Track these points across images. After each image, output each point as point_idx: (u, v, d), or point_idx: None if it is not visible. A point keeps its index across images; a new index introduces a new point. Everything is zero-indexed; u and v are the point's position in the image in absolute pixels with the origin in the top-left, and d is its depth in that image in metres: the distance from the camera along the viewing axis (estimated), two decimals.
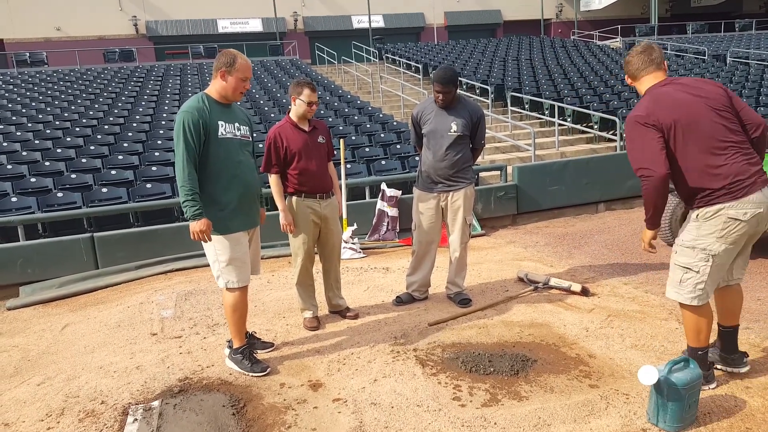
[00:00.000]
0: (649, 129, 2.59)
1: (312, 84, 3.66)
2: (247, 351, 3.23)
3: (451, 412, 2.69)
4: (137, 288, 5.10)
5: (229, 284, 3.12)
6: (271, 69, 17.21)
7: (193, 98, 3.05)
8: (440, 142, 3.85)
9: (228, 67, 3.00)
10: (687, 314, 2.71)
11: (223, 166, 3.02)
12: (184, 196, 2.91)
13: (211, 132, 2.98)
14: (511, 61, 17.20)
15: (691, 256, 2.61)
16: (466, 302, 4.07)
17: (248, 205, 3.16)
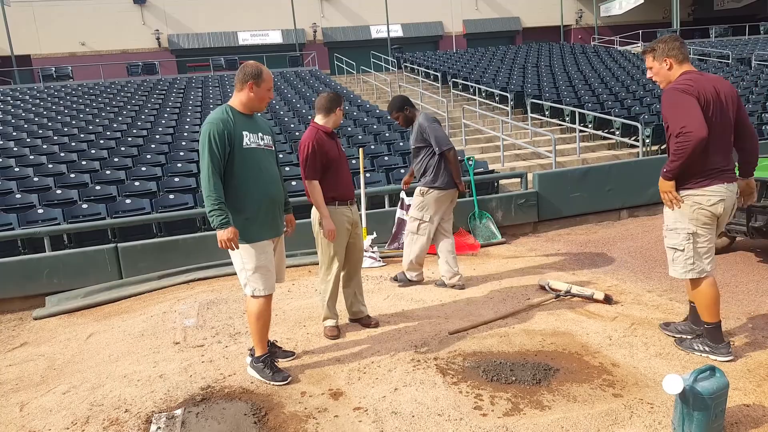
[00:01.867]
0: (693, 97, 2.86)
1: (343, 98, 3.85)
2: (269, 360, 3.25)
3: (472, 422, 2.66)
4: (160, 297, 5.18)
5: (256, 292, 3.15)
6: (291, 80, 17.42)
7: (217, 110, 3.10)
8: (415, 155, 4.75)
9: (256, 79, 3.07)
10: (694, 290, 3.09)
11: (248, 175, 3.06)
12: (211, 206, 2.94)
13: (235, 142, 3.02)
14: (530, 68, 17.12)
15: (675, 237, 3.05)
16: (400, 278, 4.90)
17: (273, 213, 3.18)
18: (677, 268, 3.10)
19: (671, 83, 3.00)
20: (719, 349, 3.08)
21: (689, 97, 2.87)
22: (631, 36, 26.69)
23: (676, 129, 2.86)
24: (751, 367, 3.01)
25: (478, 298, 4.37)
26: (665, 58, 3.03)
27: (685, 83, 2.92)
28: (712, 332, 3.08)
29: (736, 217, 4.71)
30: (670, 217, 3.08)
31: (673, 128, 2.88)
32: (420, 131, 4.59)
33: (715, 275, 3.15)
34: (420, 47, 26.00)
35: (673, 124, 2.88)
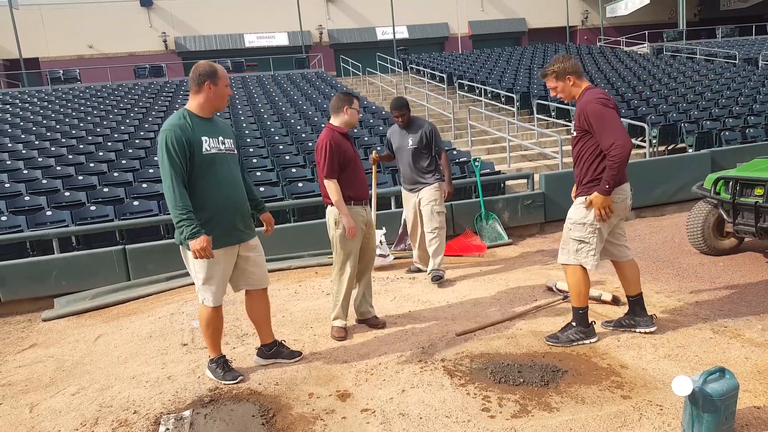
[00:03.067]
0: (613, 111, 3.22)
1: (358, 95, 3.84)
2: (221, 360, 3.31)
3: (480, 424, 2.66)
4: (168, 299, 5.20)
5: (205, 302, 3.15)
6: (297, 81, 17.47)
7: (173, 115, 3.02)
8: (404, 154, 5.00)
9: (213, 78, 2.99)
10: (573, 278, 3.40)
11: (208, 182, 2.99)
12: (178, 217, 2.87)
13: (195, 148, 2.93)
14: (536, 69, 17.08)
15: (582, 231, 3.33)
16: (437, 278, 4.85)
17: (232, 220, 3.09)
18: (579, 258, 3.37)
19: (586, 97, 3.26)
20: (589, 333, 3.45)
21: (612, 111, 3.20)
22: (638, 37, 26.58)
23: (608, 143, 3.13)
24: (761, 369, 2.99)
25: (485, 300, 4.36)
26: (567, 75, 3.29)
27: (603, 97, 3.23)
28: (583, 317, 3.44)
29: (744, 217, 4.69)
30: (579, 213, 3.33)
31: (605, 143, 3.14)
32: (428, 133, 4.94)
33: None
34: (425, 49, 26.00)
35: (605, 140, 3.14)
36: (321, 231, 6.14)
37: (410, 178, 5.03)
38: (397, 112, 4.95)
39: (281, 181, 7.88)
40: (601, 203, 3.22)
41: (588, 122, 3.21)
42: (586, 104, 3.23)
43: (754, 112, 11.09)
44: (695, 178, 6.89)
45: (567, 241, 3.43)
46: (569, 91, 3.34)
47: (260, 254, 3.32)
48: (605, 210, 3.23)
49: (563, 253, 3.46)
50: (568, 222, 3.43)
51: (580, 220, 3.34)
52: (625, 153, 3.13)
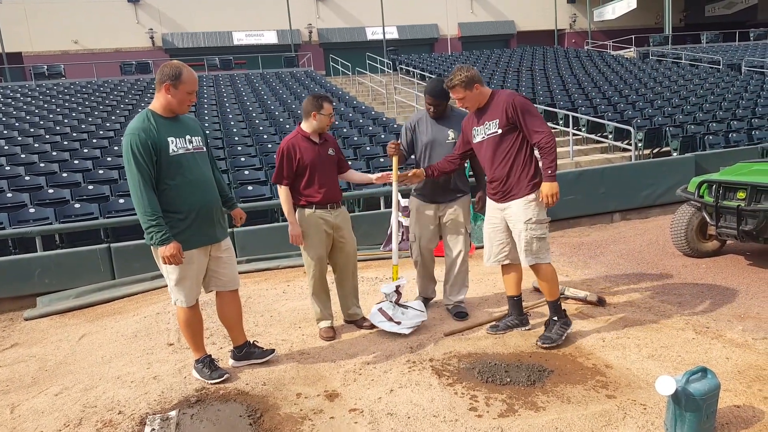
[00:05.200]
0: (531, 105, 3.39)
1: (329, 97, 3.72)
2: (207, 360, 3.29)
3: (468, 423, 2.67)
4: (153, 298, 5.15)
5: (179, 302, 3.13)
6: (286, 80, 17.40)
7: (137, 117, 2.92)
8: (439, 152, 3.85)
9: (173, 81, 2.88)
10: (545, 273, 3.47)
11: (177, 184, 2.93)
12: (147, 222, 2.83)
13: (161, 150, 2.86)
14: (524, 71, 17.22)
15: (542, 227, 3.42)
16: (462, 315, 4.01)
17: (204, 220, 3.05)
18: (546, 256, 3.45)
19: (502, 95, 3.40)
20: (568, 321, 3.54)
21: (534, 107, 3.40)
22: (624, 41, 26.89)
23: (539, 135, 3.28)
24: (742, 369, 3.05)
25: (472, 300, 4.38)
26: (475, 84, 3.38)
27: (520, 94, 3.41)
28: (560, 307, 3.53)
29: (727, 220, 4.77)
30: (534, 211, 3.38)
31: (537, 135, 3.29)
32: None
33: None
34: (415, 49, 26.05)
35: (536, 131, 3.29)
36: None
37: (441, 184, 3.88)
38: (433, 100, 3.80)
39: (269, 180, 7.85)
40: (553, 191, 3.30)
41: (517, 114, 3.30)
42: (510, 98, 3.34)
43: (737, 117, 11.29)
44: (680, 181, 6.99)
45: (530, 242, 3.42)
46: (476, 100, 3.43)
47: (231, 255, 3.29)
48: (555, 197, 3.32)
49: (529, 255, 3.44)
50: (526, 224, 3.40)
51: (537, 217, 3.40)
52: (554, 141, 3.29)
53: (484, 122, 3.45)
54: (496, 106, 3.39)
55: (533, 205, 3.38)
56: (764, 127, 10.50)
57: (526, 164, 3.39)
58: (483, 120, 3.46)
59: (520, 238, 3.43)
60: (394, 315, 3.74)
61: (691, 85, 14.94)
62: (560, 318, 3.52)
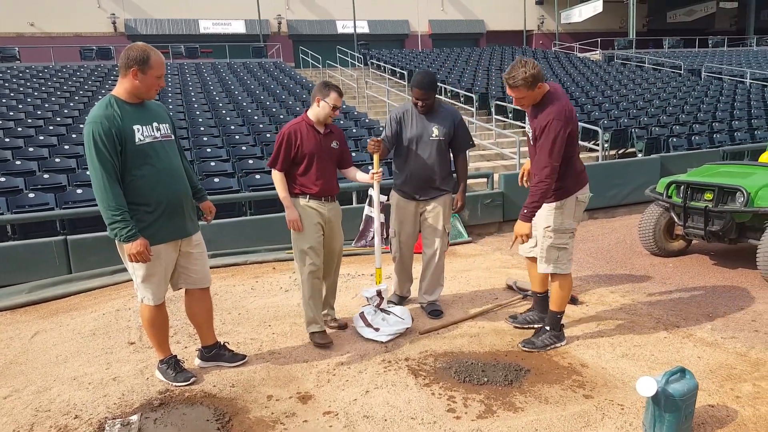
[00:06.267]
0: (564, 137, 3.08)
1: (340, 89, 3.52)
2: (172, 361, 3.13)
3: (446, 425, 2.61)
4: (113, 294, 4.91)
5: (145, 300, 2.95)
6: (254, 71, 17.03)
7: (99, 104, 2.70)
8: (423, 147, 3.77)
9: (141, 65, 2.69)
10: (561, 284, 3.34)
11: (144, 175, 2.74)
12: (111, 217, 2.64)
13: (126, 140, 2.67)
14: (494, 70, 17.34)
15: (563, 237, 3.28)
16: (437, 314, 3.95)
17: (174, 213, 2.87)
18: (561, 266, 3.31)
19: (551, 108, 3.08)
20: (560, 336, 3.45)
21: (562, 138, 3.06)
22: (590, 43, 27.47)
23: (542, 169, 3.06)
24: (713, 368, 3.09)
25: (447, 298, 4.33)
26: (539, 84, 3.06)
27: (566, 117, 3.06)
28: (558, 321, 3.43)
29: (694, 221, 4.87)
30: (555, 219, 3.26)
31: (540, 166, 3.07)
32: (457, 123, 3.83)
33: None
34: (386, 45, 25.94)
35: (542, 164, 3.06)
36: (279, 224, 5.98)
37: (423, 181, 3.79)
38: (422, 94, 3.67)
39: (237, 172, 7.62)
40: (523, 231, 3.14)
41: (541, 137, 3.09)
42: (549, 118, 3.05)
43: (698, 120, 11.64)
44: (646, 181, 7.14)
45: (547, 250, 3.31)
46: (534, 98, 3.15)
47: (202, 251, 3.11)
48: (523, 238, 3.17)
49: (544, 262, 3.34)
50: (546, 231, 3.28)
51: (558, 225, 3.27)
52: (548, 185, 3.08)
53: (531, 125, 3.25)
54: (542, 116, 3.11)
55: (554, 213, 3.25)
56: (724, 131, 10.86)
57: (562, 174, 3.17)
58: (532, 121, 3.23)
59: (541, 244, 3.34)
60: (373, 321, 3.63)
61: (654, 88, 15.34)
62: (553, 329, 3.41)
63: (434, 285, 4.02)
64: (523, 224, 3.15)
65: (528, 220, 3.14)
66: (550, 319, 3.43)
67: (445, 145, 3.82)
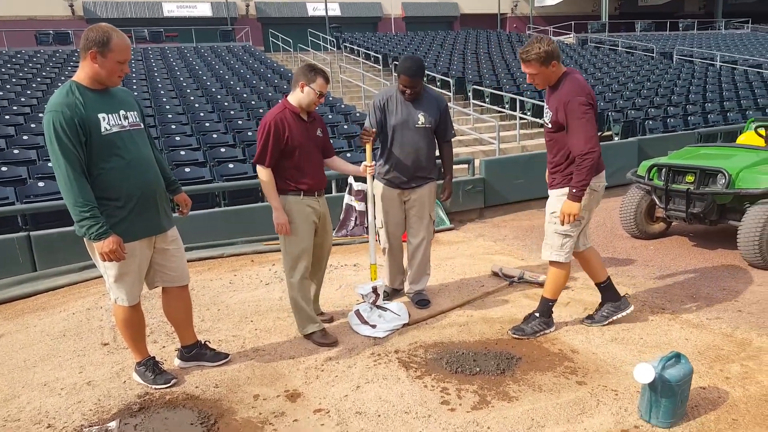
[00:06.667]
0: (591, 109, 2.99)
1: (326, 73, 3.26)
2: (150, 363, 2.97)
3: (441, 418, 2.53)
4: (83, 292, 4.68)
5: (119, 301, 2.78)
6: (223, 55, 16.55)
7: (59, 91, 2.49)
8: (408, 135, 3.64)
9: (101, 48, 2.47)
10: (558, 271, 3.29)
11: (112, 166, 2.55)
12: (80, 214, 2.45)
13: (92, 130, 2.47)
14: (470, 54, 17.24)
15: (571, 225, 3.14)
16: (424, 303, 3.87)
17: (146, 208, 2.68)
18: (562, 254, 3.23)
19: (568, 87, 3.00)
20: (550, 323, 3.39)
21: (589, 110, 2.98)
22: (564, 27, 27.59)
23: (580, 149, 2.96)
24: (701, 349, 3.10)
25: (433, 287, 4.25)
26: (553, 61, 3.00)
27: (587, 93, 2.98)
28: (549, 308, 3.38)
29: (676, 203, 4.89)
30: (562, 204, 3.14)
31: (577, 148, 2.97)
32: (442, 109, 3.72)
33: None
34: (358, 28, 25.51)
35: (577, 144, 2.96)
36: (255, 216, 5.81)
37: (408, 169, 3.67)
38: (408, 81, 3.52)
39: (209, 162, 7.37)
40: (571, 210, 3.03)
41: (566, 119, 2.99)
42: (568, 97, 2.97)
43: (673, 103, 11.80)
44: (624, 165, 7.18)
45: (551, 235, 3.24)
46: (548, 77, 3.06)
47: (179, 247, 2.93)
48: (572, 218, 3.04)
49: (547, 248, 3.28)
50: (552, 216, 3.22)
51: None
52: (596, 160, 2.97)
53: (546, 107, 3.17)
54: (555, 96, 3.06)
55: (563, 200, 3.13)
56: (698, 113, 11.03)
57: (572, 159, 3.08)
58: (547, 103, 3.16)
59: (546, 228, 3.26)
60: (370, 318, 3.53)
61: (628, 71, 15.48)
62: (543, 315, 3.36)
63: (420, 274, 3.93)
64: (573, 204, 3.02)
65: (578, 199, 3.01)
66: (541, 305, 3.39)
67: (431, 132, 3.71)
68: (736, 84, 13.94)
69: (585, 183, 2.99)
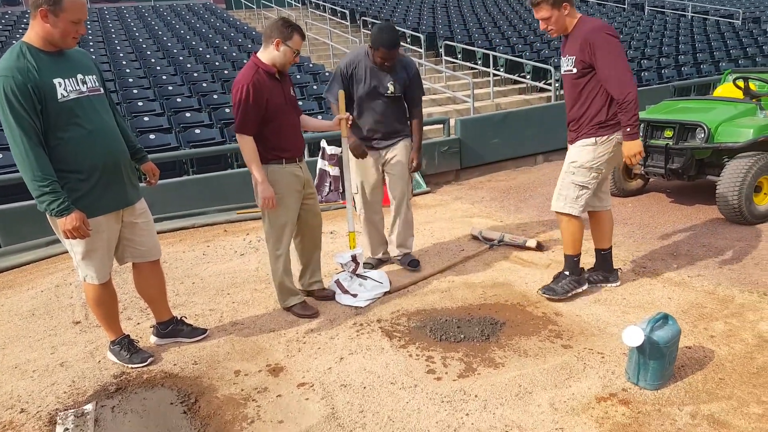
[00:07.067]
0: (620, 42, 2.85)
1: (302, 30, 3.02)
2: (125, 341, 2.87)
3: (428, 388, 2.51)
4: (51, 268, 4.49)
5: (88, 278, 2.65)
6: (183, 14, 15.74)
7: (8, 53, 2.29)
8: (377, 103, 3.54)
9: (51, 5, 2.25)
10: (572, 225, 3.18)
11: (71, 136, 2.37)
12: (38, 189, 2.28)
13: (46, 96, 2.28)
14: (440, 8, 16.78)
15: (587, 175, 3.06)
16: (415, 264, 3.87)
17: (111, 180, 2.53)
18: (576, 206, 3.13)
19: (589, 25, 2.92)
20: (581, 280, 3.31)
21: (621, 47, 2.88)
22: None
23: (619, 88, 2.84)
24: (685, 308, 3.13)
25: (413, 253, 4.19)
26: (564, 3, 2.92)
27: (611, 28, 2.90)
28: (576, 264, 3.29)
29: (654, 159, 4.89)
30: (586, 155, 3.05)
31: (617, 89, 2.84)
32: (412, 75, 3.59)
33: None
34: None
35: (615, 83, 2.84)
36: (226, 183, 5.62)
37: (379, 133, 3.61)
38: (387, 53, 3.35)
39: (174, 128, 7.06)
40: (633, 150, 2.92)
41: (594, 56, 2.85)
42: (592, 35, 2.85)
43: (646, 56, 11.75)
44: None
45: (567, 186, 3.12)
46: (563, 23, 2.95)
47: (148, 220, 2.78)
48: (637, 156, 2.93)
49: (560, 200, 3.16)
50: (571, 165, 3.10)
51: (587, 163, 3.05)
52: (636, 95, 2.85)
53: (565, 54, 3.03)
54: (576, 39, 2.93)
55: (588, 149, 3.02)
56: (671, 66, 11.02)
57: (603, 107, 2.98)
58: (565, 51, 3.03)
59: (561, 178, 3.14)
60: (350, 287, 3.45)
61: None
62: (572, 273, 3.27)
63: (407, 235, 3.89)
64: (633, 142, 2.90)
65: (635, 137, 2.89)
66: (567, 263, 3.28)
67: (401, 99, 3.61)
68: (708, 35, 13.95)
69: (636, 118, 2.87)
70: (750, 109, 4.75)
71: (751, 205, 4.37)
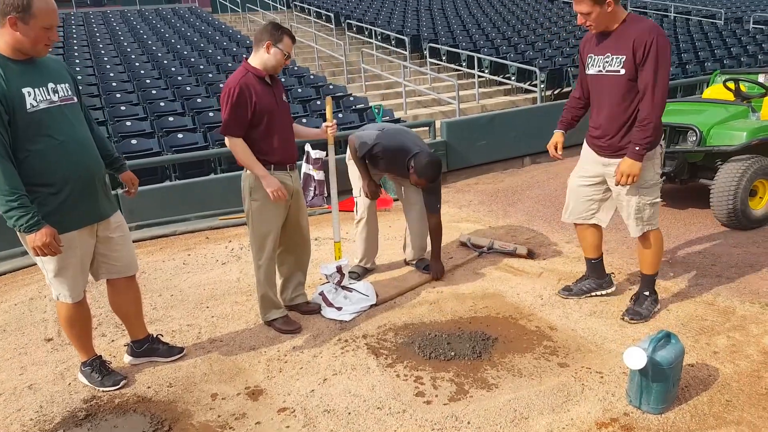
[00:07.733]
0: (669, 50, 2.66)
1: (292, 33, 2.95)
2: (96, 363, 2.71)
3: (417, 413, 2.37)
4: (26, 279, 4.28)
5: (61, 297, 2.51)
6: (168, 18, 15.49)
7: None
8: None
9: (21, 12, 2.13)
10: (655, 240, 3.00)
11: (40, 148, 2.25)
12: (6, 204, 2.15)
13: (15, 107, 2.17)
14: (424, 10, 16.70)
15: (655, 191, 2.93)
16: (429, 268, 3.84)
17: (84, 193, 2.40)
18: (654, 221, 2.95)
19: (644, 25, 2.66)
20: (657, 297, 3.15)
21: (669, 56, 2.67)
22: None
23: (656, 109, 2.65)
24: (684, 321, 3.01)
25: (398, 261, 4.06)
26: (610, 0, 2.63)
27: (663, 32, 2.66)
28: (654, 282, 3.12)
29: None
30: (647, 172, 2.82)
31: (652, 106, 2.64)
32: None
33: None
34: None
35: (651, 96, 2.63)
36: (209, 189, 5.43)
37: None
38: (425, 184, 3.53)
39: (157, 132, 6.85)
40: (633, 170, 2.70)
41: (645, 59, 2.59)
42: (651, 34, 2.59)
43: None
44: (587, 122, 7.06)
45: (642, 208, 2.89)
46: (604, 20, 2.69)
47: (124, 234, 2.63)
48: (632, 179, 2.73)
49: (640, 223, 2.93)
50: (638, 189, 2.85)
51: (650, 180, 2.86)
52: (659, 117, 2.68)
53: (606, 53, 2.77)
54: (627, 38, 2.66)
55: (648, 165, 2.79)
56: None
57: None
58: (605, 49, 2.77)
59: (630, 204, 2.90)
60: (335, 299, 3.31)
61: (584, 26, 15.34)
62: (652, 294, 3.09)
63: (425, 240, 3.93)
64: (635, 163, 2.69)
65: (641, 158, 2.69)
66: (648, 283, 3.08)
67: None
68: (692, 35, 14.02)
69: (651, 140, 2.67)
70: (742, 111, 4.68)
71: (746, 210, 4.29)
